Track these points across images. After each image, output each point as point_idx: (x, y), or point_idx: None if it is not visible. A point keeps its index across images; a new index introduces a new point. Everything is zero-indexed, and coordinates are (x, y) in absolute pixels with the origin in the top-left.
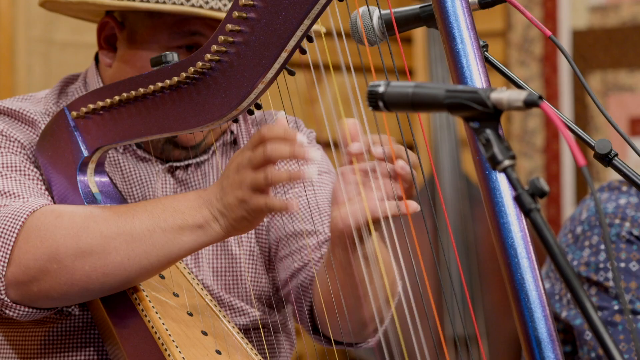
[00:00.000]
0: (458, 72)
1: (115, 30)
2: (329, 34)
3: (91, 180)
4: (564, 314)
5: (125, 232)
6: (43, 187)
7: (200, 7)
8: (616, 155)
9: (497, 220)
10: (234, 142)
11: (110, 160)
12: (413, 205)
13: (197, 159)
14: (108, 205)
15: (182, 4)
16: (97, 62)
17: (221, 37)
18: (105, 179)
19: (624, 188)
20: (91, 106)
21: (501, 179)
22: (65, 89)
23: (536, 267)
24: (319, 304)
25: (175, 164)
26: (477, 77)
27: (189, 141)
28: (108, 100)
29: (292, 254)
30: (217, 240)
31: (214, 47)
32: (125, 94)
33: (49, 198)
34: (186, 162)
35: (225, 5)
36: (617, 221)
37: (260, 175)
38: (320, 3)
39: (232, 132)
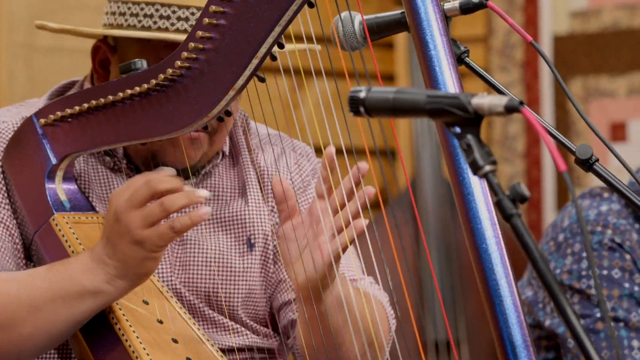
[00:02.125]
0: (431, 78)
1: (108, 54)
2: (309, 39)
3: (59, 188)
4: (547, 322)
5: (28, 304)
6: None
7: (185, 30)
8: (597, 160)
9: (471, 226)
10: (233, 160)
11: (99, 175)
12: (369, 190)
13: (189, 181)
14: (9, 275)
15: (166, 29)
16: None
17: (191, 44)
18: (73, 187)
19: (606, 194)
20: (59, 114)
21: (475, 185)
22: (64, 94)
23: (510, 272)
24: (301, 348)
25: None
26: (450, 83)
27: (179, 164)
28: (77, 108)
29: (283, 281)
30: (127, 292)
31: (184, 54)
32: (94, 102)
33: None
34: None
35: None
36: (599, 229)
37: (150, 208)
38: (292, 10)
39: (224, 153)
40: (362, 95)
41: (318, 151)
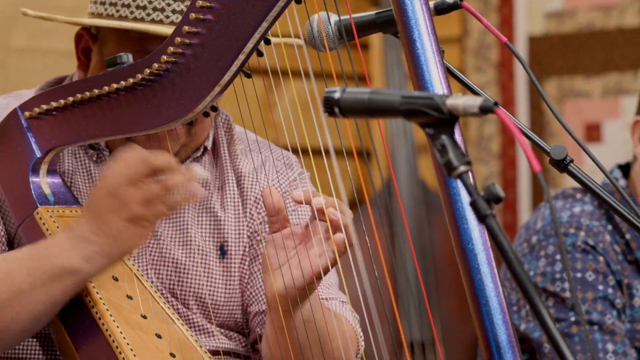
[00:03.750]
0: (418, 76)
1: (90, 43)
2: (285, 38)
3: (44, 182)
4: (522, 327)
5: (8, 289)
6: None
7: (161, 21)
8: (572, 161)
9: (457, 226)
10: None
11: (83, 168)
12: (346, 238)
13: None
14: None
15: (142, 19)
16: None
17: (178, 39)
18: (57, 180)
19: (578, 196)
20: (44, 107)
21: (462, 185)
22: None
23: (496, 273)
24: (266, 358)
25: None
26: (437, 82)
27: None
28: (62, 101)
29: (264, 314)
30: (103, 270)
31: (171, 49)
32: (79, 95)
33: None
34: None
35: None
36: (572, 230)
37: (149, 186)
38: (279, 6)
39: (205, 147)
40: (337, 95)
41: (294, 152)
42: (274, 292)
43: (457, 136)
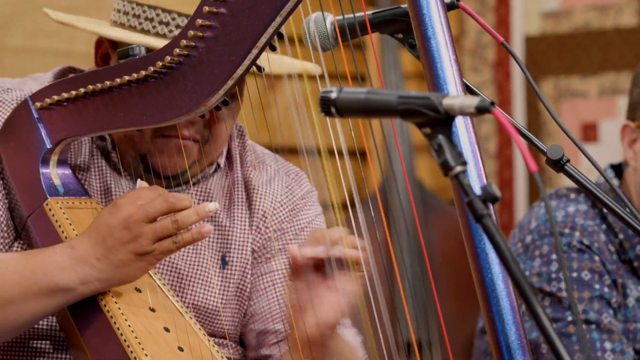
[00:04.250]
0: (432, 74)
1: (109, 50)
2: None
3: (54, 172)
4: None
5: None
6: None
7: None
8: (568, 161)
9: (468, 225)
10: (229, 169)
11: (90, 158)
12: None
13: (178, 189)
14: None
15: (164, 35)
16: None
17: (191, 32)
18: (67, 172)
19: (572, 195)
20: (55, 97)
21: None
22: (67, 75)
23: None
24: None
25: None
26: (451, 80)
27: (169, 171)
28: (73, 92)
29: (263, 334)
30: (93, 294)
31: (183, 42)
32: (91, 86)
33: None
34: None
35: None
36: (567, 230)
37: (163, 224)
38: (293, 1)
39: (218, 165)
40: (334, 95)
41: (292, 152)
42: (308, 331)
43: (471, 134)
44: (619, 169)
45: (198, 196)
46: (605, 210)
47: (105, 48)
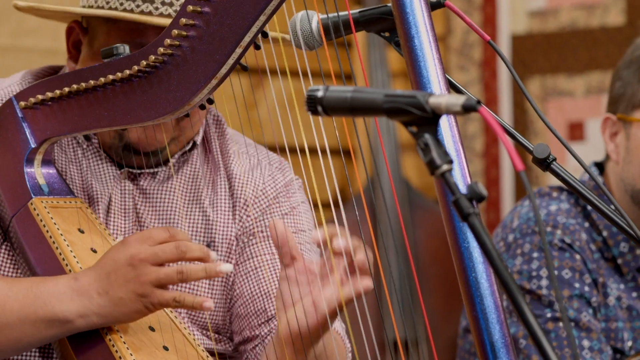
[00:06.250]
0: (416, 73)
1: (80, 36)
2: (265, 36)
3: (38, 172)
4: None
5: None
6: None
7: (150, 13)
8: (555, 159)
9: (452, 224)
10: (207, 151)
11: (70, 154)
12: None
13: (159, 169)
14: None
15: (132, 10)
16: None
17: (175, 31)
18: (52, 171)
19: (554, 194)
20: (40, 97)
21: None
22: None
23: (491, 272)
24: None
25: (134, 171)
26: (434, 79)
27: (147, 146)
28: (57, 92)
29: (248, 316)
30: (91, 329)
31: (167, 41)
32: (75, 86)
33: None
34: (150, 171)
35: (176, 11)
36: (548, 229)
37: (167, 272)
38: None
39: (194, 142)
40: (320, 94)
41: (275, 151)
42: (288, 331)
43: (455, 133)
44: (602, 166)
45: (185, 183)
46: (588, 208)
47: (77, 34)
